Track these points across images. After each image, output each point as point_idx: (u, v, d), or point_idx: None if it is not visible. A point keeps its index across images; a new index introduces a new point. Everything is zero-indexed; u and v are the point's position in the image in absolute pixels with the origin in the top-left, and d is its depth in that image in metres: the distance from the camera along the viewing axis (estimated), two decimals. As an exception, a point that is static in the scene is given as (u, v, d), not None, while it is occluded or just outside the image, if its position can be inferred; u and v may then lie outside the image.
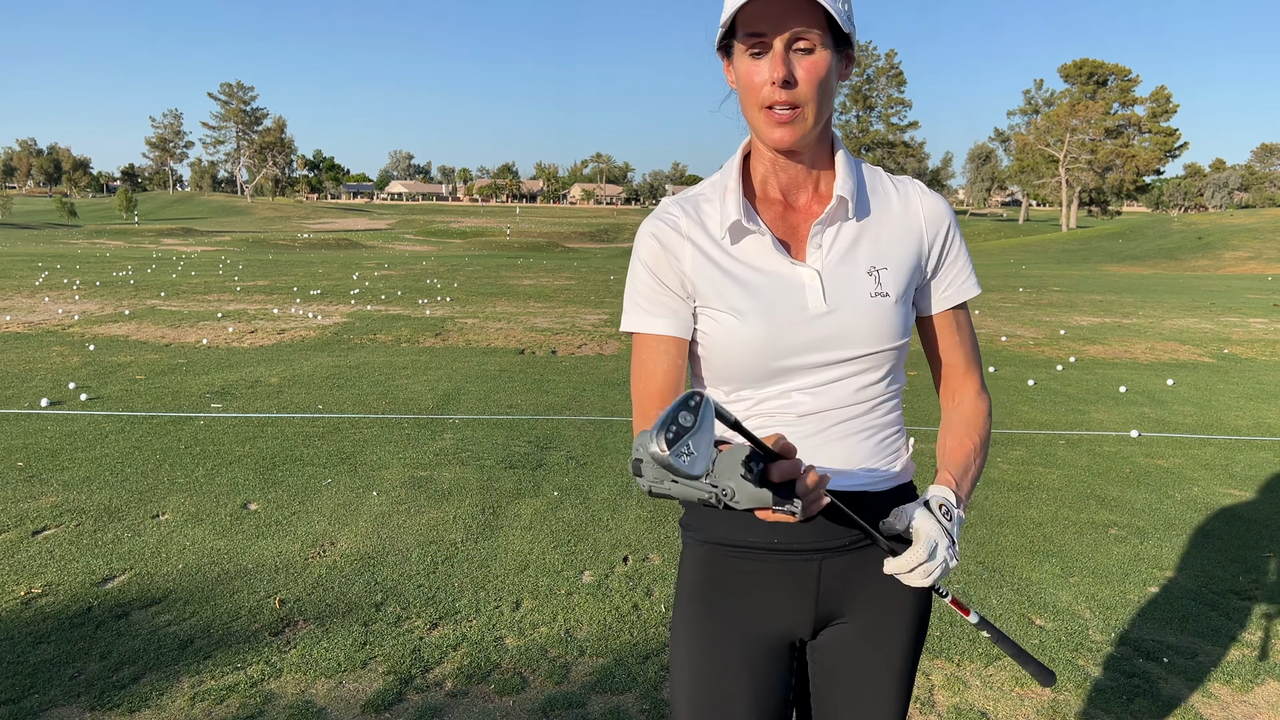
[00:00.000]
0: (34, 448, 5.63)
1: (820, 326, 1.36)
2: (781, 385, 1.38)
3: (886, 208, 1.43)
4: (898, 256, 1.41)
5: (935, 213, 1.44)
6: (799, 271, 1.37)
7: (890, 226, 1.42)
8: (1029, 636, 3.39)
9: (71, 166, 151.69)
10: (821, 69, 1.28)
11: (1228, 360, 10.71)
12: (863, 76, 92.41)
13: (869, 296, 1.37)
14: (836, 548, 1.41)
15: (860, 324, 1.36)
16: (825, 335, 1.36)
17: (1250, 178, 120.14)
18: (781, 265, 1.37)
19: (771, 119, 1.30)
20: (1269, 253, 42.56)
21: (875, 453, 1.43)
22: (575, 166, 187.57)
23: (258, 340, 10.66)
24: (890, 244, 1.41)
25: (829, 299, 1.36)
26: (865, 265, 1.39)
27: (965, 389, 1.53)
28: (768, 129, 1.32)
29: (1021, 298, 19.01)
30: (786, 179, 1.41)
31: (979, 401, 1.52)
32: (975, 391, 1.53)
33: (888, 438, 1.46)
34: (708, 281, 1.39)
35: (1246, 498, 5.21)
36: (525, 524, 4.47)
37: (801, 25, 1.26)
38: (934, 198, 1.46)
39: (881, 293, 1.38)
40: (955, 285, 1.48)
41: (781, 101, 1.29)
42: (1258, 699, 3.00)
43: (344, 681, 2.97)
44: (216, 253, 36.13)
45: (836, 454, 1.40)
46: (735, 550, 1.42)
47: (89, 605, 3.46)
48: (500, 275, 23.00)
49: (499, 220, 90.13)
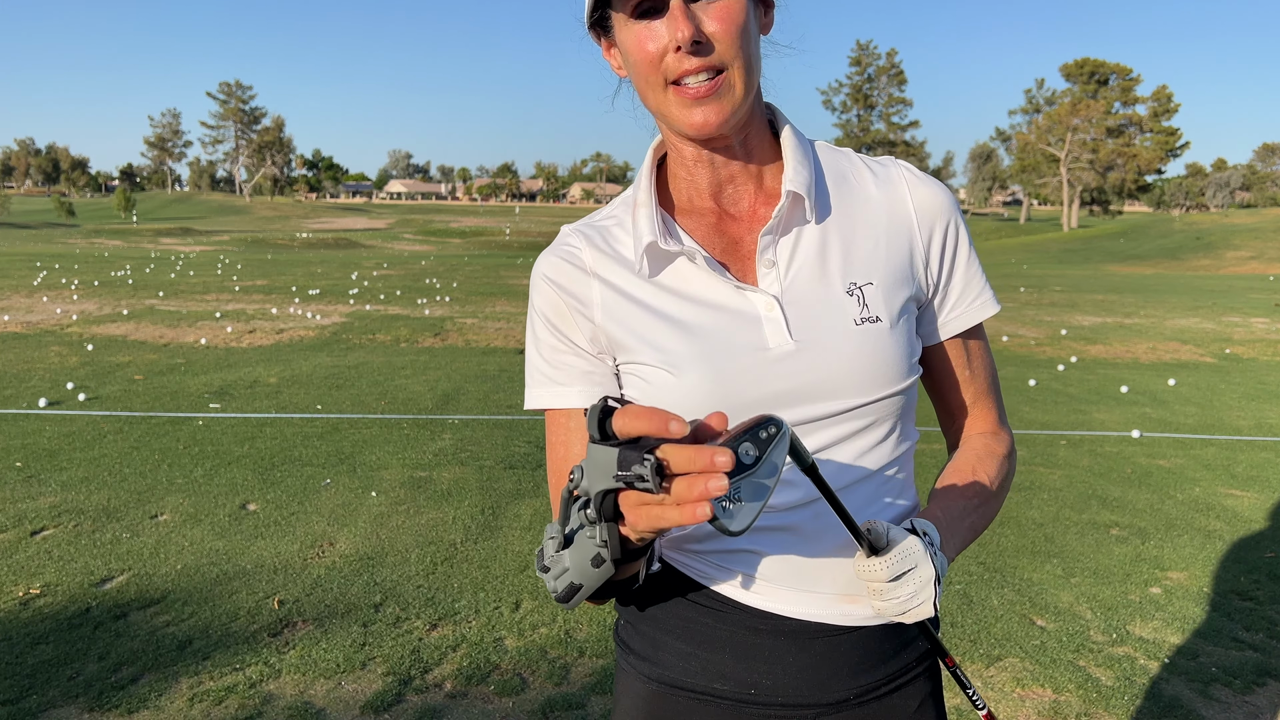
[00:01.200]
0: (32, 448, 5.62)
1: (788, 372, 0.98)
2: None
3: (861, 201, 1.05)
4: (884, 265, 1.03)
5: (932, 204, 1.06)
6: (750, 299, 1.00)
7: (869, 225, 1.04)
8: (1030, 637, 3.39)
9: (70, 166, 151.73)
10: (739, 15, 0.93)
11: (1229, 360, 10.70)
12: (863, 76, 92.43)
13: (853, 325, 0.99)
14: (838, 702, 1.03)
15: (844, 364, 0.98)
16: (796, 384, 0.98)
17: (1252, 177, 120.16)
18: (723, 293, 1.00)
19: (684, 96, 0.94)
20: (1270, 252, 42.56)
21: None
22: (575, 166, 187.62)
23: (256, 340, 10.65)
24: (872, 249, 1.03)
25: (796, 333, 0.99)
26: (841, 282, 1.01)
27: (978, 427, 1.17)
28: (682, 111, 0.95)
29: (1023, 297, 19.01)
30: (715, 177, 1.04)
31: (994, 443, 1.14)
32: (991, 429, 1.16)
33: (897, 517, 1.08)
34: (626, 329, 1.02)
35: (1248, 498, 5.20)
36: (525, 524, 4.46)
37: None
38: (929, 184, 1.07)
39: (869, 318, 1.00)
40: (965, 303, 1.09)
41: (694, 69, 0.93)
42: (1259, 699, 2.99)
43: (343, 682, 2.96)
44: (215, 252, 36.14)
45: (845, 570, 1.01)
46: (694, 697, 1.04)
47: (87, 606, 3.45)
48: (500, 275, 22.99)
49: (498, 220, 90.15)
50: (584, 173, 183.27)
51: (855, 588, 1.02)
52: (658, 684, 1.06)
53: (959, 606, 3.64)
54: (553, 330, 1.06)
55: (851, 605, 1.02)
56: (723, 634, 1.03)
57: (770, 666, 1.02)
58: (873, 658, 1.04)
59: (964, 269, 1.08)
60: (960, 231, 1.08)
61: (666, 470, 0.69)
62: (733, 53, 0.93)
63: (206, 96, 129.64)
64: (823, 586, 1.01)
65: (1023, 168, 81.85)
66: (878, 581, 0.91)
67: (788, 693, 1.02)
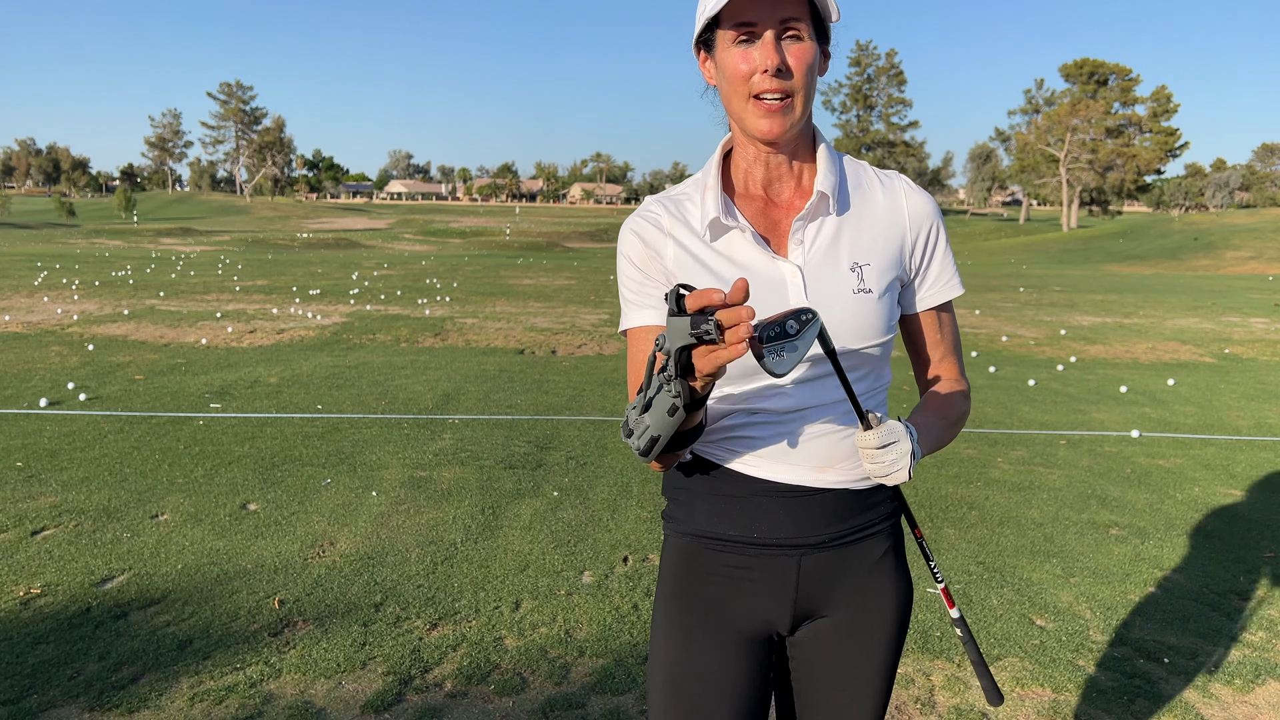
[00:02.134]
0: (33, 448, 5.62)
1: None
2: (763, 382, 1.35)
3: (870, 203, 1.41)
4: (881, 252, 1.39)
5: (921, 210, 1.42)
6: (780, 267, 1.35)
7: (873, 222, 1.40)
8: (1030, 637, 3.39)
9: (70, 166, 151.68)
10: (810, 57, 1.28)
11: (1229, 360, 10.70)
12: (863, 76, 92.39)
13: (851, 293, 1.35)
14: (817, 544, 1.40)
15: (842, 321, 1.33)
16: None
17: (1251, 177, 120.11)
18: (762, 261, 1.36)
19: (761, 108, 1.29)
20: (1270, 252, 42.55)
21: (856, 451, 1.38)
22: (575, 166, 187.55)
23: (257, 340, 10.66)
24: (873, 240, 1.39)
25: (810, 295, 1.34)
26: (848, 261, 1.36)
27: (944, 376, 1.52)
28: (756, 119, 1.30)
29: (1022, 297, 19.01)
30: (768, 173, 1.40)
31: (956, 385, 1.51)
32: (954, 377, 1.52)
33: None
34: (690, 277, 1.37)
35: (1247, 498, 5.20)
36: (525, 524, 4.47)
37: (791, 14, 1.27)
38: (920, 195, 1.43)
39: (864, 289, 1.35)
40: (939, 285, 1.46)
41: (773, 89, 1.27)
42: (1258, 699, 3.00)
43: (343, 682, 2.96)
44: (215, 252, 36.14)
45: (819, 451, 1.38)
46: (714, 543, 1.42)
47: (88, 605, 3.45)
48: (500, 275, 22.99)
49: (498, 220, 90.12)
50: (584, 173, 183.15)
51: (827, 462, 1.39)
52: (689, 536, 1.45)
53: (958, 606, 3.64)
54: (638, 269, 1.41)
55: (823, 474, 1.39)
56: (733, 496, 1.41)
57: (766, 517, 1.40)
58: (841, 513, 1.40)
59: (940, 260, 1.45)
60: (940, 232, 1.44)
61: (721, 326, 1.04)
62: (801, 84, 1.29)
63: (207, 97, 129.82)
64: (802, 461, 1.38)
65: (1022, 168, 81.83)
66: (869, 448, 1.27)
67: (779, 536, 1.40)
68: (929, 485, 5.27)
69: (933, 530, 4.52)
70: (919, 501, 4.97)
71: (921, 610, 3.59)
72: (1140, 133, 78.46)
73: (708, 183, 1.39)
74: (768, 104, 1.28)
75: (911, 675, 3.10)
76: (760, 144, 1.36)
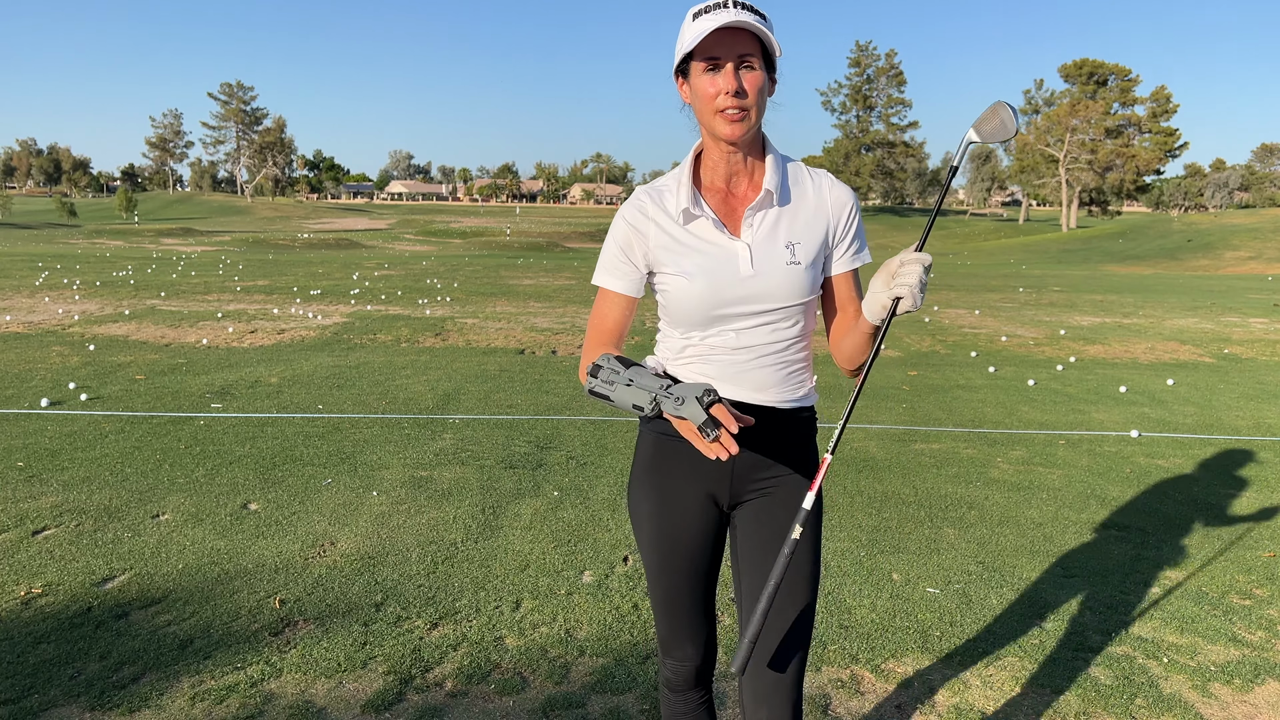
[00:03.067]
0: (34, 448, 5.63)
1: (748, 285, 1.80)
2: (719, 328, 1.83)
3: (804, 197, 1.85)
4: (809, 234, 1.83)
5: (840, 201, 1.86)
6: (734, 245, 1.80)
7: (805, 211, 1.84)
8: (1029, 636, 3.39)
9: (71, 166, 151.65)
10: (760, 82, 1.71)
11: (1228, 360, 10.71)
12: (862, 76, 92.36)
13: (785, 265, 1.80)
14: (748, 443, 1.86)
15: (777, 285, 1.80)
16: (751, 292, 1.80)
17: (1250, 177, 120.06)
18: (721, 240, 1.81)
19: (725, 119, 1.72)
20: (1269, 252, 42.55)
21: (784, 381, 1.87)
22: (575, 166, 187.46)
23: (258, 340, 10.66)
24: (804, 225, 1.83)
25: (755, 266, 1.79)
26: (784, 241, 1.81)
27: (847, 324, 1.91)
28: (722, 126, 1.72)
29: (1021, 298, 19.01)
30: (729, 169, 1.83)
31: None
32: None
33: (795, 371, 1.89)
34: (666, 252, 1.83)
35: (1247, 498, 5.20)
36: (525, 524, 4.47)
37: (746, 50, 1.69)
38: (841, 189, 1.87)
39: (795, 261, 1.81)
40: (853, 253, 1.89)
41: (734, 105, 1.70)
42: (1258, 699, 3.00)
43: (344, 681, 2.97)
44: (216, 253, 36.14)
45: (755, 380, 1.85)
46: (677, 440, 1.90)
47: (89, 605, 3.45)
48: (500, 275, 22.99)
49: (499, 220, 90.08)
50: (584, 173, 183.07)
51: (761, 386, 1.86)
52: (660, 435, 1.93)
53: (958, 606, 3.65)
54: (621, 249, 1.87)
55: (759, 394, 1.86)
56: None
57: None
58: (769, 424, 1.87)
59: (852, 236, 1.88)
60: (855, 215, 1.88)
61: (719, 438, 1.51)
62: (754, 101, 1.72)
63: (208, 97, 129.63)
64: (744, 384, 1.86)
65: (1021, 168, 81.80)
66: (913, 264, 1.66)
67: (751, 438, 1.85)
68: (929, 485, 5.28)
69: (932, 530, 4.53)
70: (918, 501, 4.97)
71: (921, 610, 3.60)
72: (1139, 133, 78.43)
73: (682, 179, 1.83)
74: (730, 115, 1.71)
75: (911, 674, 3.10)
76: (724, 145, 1.78)
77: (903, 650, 3.27)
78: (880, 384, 8.62)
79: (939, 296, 18.78)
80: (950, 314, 15.15)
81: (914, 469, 5.62)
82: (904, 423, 6.90)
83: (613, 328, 1.90)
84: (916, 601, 3.68)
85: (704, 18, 1.69)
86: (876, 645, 3.30)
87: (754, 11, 1.70)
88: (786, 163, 1.87)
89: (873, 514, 4.74)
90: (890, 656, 3.22)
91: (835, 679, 3.06)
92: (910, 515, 4.75)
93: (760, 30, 1.67)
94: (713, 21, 1.65)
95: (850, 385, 8.54)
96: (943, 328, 13.17)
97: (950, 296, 18.90)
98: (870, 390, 8.24)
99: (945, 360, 10.20)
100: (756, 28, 1.66)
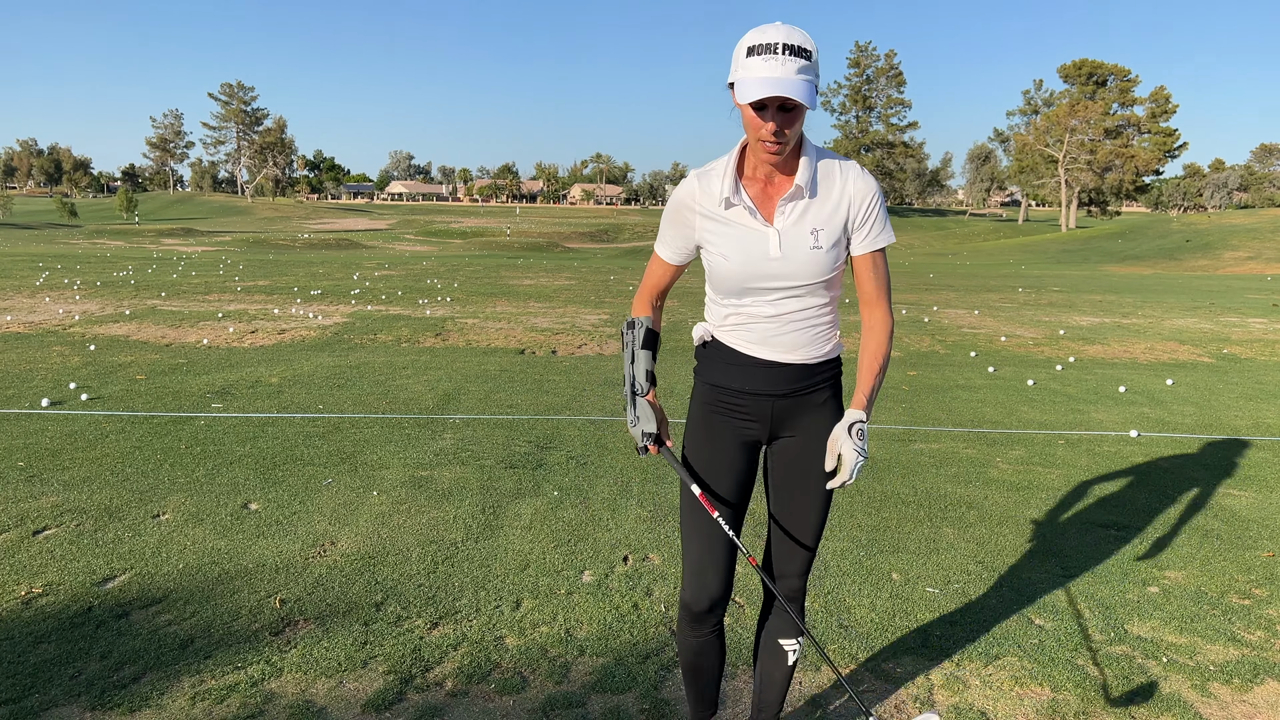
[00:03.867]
0: (34, 447, 5.63)
1: (776, 266, 2.13)
2: (752, 299, 2.19)
3: (830, 189, 2.13)
4: (832, 222, 2.13)
5: (859, 192, 2.14)
6: (767, 231, 2.13)
7: (830, 201, 2.13)
8: (1028, 636, 3.40)
9: (72, 167, 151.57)
10: (798, 123, 2.01)
11: (1227, 360, 10.71)
12: (862, 77, 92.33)
13: (809, 249, 2.12)
14: (783, 395, 2.26)
15: (802, 265, 2.13)
16: (779, 272, 2.14)
17: (1249, 178, 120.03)
18: (755, 225, 2.14)
19: (765, 148, 2.03)
20: (1268, 253, 42.57)
21: (811, 341, 2.23)
22: (575, 167, 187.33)
23: (258, 340, 10.67)
24: (829, 214, 2.13)
25: (783, 250, 2.13)
26: (810, 228, 2.12)
27: (875, 310, 2.24)
28: (762, 153, 2.06)
29: (1021, 298, 19.02)
30: (769, 171, 2.15)
31: (885, 321, 2.24)
32: (883, 313, 2.24)
33: (821, 331, 2.23)
34: (709, 233, 2.20)
35: (1245, 497, 5.21)
36: (525, 524, 4.48)
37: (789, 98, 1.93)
38: (861, 182, 2.14)
39: (818, 246, 2.12)
40: (871, 237, 2.17)
41: (773, 141, 2.00)
42: (1257, 699, 3.01)
43: (344, 681, 2.97)
44: (217, 253, 36.13)
45: (787, 342, 2.21)
46: (724, 390, 2.30)
47: (89, 605, 3.46)
48: (500, 275, 23.00)
49: (499, 220, 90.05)
50: (584, 174, 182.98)
51: (791, 347, 2.22)
52: (708, 385, 2.33)
53: (957, 605, 3.65)
54: (670, 223, 2.27)
55: (788, 354, 2.22)
56: (734, 364, 2.28)
57: (754, 378, 2.26)
58: (799, 378, 2.25)
59: (876, 222, 2.16)
60: (874, 204, 2.14)
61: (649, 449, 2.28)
62: (790, 137, 2.02)
63: (208, 97, 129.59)
64: (776, 345, 2.22)
65: (1021, 169, 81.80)
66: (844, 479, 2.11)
67: (761, 389, 2.26)
68: (928, 485, 5.28)
69: (931, 530, 4.53)
70: (918, 501, 4.98)
71: (921, 610, 3.60)
72: (1139, 133, 78.43)
73: (728, 169, 2.14)
74: (769, 147, 2.02)
75: (910, 674, 3.11)
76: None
77: (903, 650, 3.27)
78: (880, 384, 8.63)
79: (939, 297, 18.79)
80: (950, 314, 15.15)
81: (913, 469, 5.63)
82: (903, 423, 6.91)
83: (656, 284, 2.38)
84: (916, 601, 3.69)
85: (755, 63, 1.92)
86: (876, 645, 3.31)
87: (801, 54, 1.92)
88: (820, 157, 2.13)
89: (872, 514, 4.75)
90: (890, 656, 3.23)
91: (835, 679, 3.07)
92: (910, 515, 4.75)
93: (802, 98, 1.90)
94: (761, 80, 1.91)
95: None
96: (942, 328, 13.17)
97: (950, 297, 18.91)
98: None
99: (945, 360, 10.20)
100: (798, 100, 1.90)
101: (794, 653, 2.49)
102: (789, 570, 2.39)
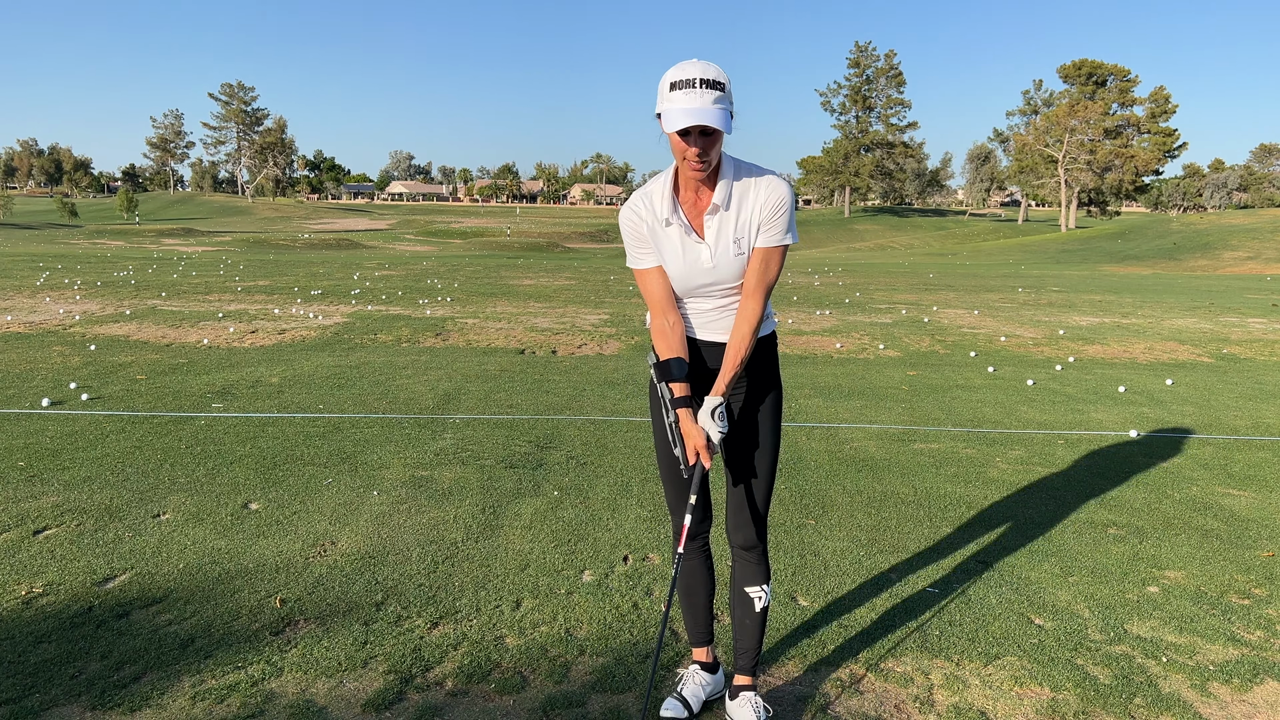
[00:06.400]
0: (35, 447, 5.64)
1: (709, 274, 2.55)
2: (694, 298, 2.63)
3: (745, 199, 2.49)
4: (749, 229, 2.50)
5: (768, 199, 2.48)
6: (699, 247, 2.53)
7: (746, 211, 2.49)
8: (1028, 636, 3.40)
9: (72, 167, 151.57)
10: (717, 145, 2.37)
11: (1226, 360, 10.72)
12: (862, 77, 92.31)
13: (734, 256, 2.52)
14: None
15: (730, 272, 2.54)
16: (714, 279, 2.56)
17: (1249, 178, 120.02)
18: (689, 240, 2.54)
19: (689, 167, 2.41)
20: (1268, 253, 42.57)
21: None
22: (575, 167, 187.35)
23: (258, 340, 10.67)
24: (745, 222, 2.50)
25: (715, 261, 2.53)
26: (732, 238, 2.51)
27: (749, 300, 2.54)
28: (688, 172, 2.43)
29: (1020, 298, 19.02)
30: (695, 189, 2.52)
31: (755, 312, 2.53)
32: (755, 304, 2.54)
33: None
34: (656, 243, 2.58)
35: (1245, 497, 5.21)
36: (525, 524, 4.48)
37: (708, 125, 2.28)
38: (766, 191, 2.48)
39: (741, 253, 2.52)
40: (767, 235, 2.51)
41: (697, 161, 2.37)
42: (1256, 698, 3.01)
43: (344, 681, 2.98)
44: (217, 253, 36.14)
45: (725, 325, 2.62)
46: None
47: (90, 605, 3.46)
48: (500, 275, 23.00)
49: (499, 220, 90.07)
50: (584, 174, 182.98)
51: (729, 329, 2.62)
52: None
53: (957, 605, 3.66)
54: (635, 239, 2.60)
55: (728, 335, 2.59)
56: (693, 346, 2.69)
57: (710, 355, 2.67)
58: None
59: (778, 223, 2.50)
60: (782, 209, 2.49)
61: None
62: (711, 158, 2.40)
63: (209, 97, 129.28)
64: (718, 330, 2.64)
65: (1021, 169, 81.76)
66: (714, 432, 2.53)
67: (714, 365, 2.65)
68: (928, 485, 5.29)
69: (931, 530, 4.53)
70: (917, 501, 4.98)
71: (921, 610, 3.60)
72: (1138, 133, 78.38)
73: (665, 190, 2.53)
74: (694, 165, 2.39)
75: (910, 674, 3.11)
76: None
77: (903, 650, 3.28)
78: (879, 384, 8.63)
79: (939, 297, 18.79)
80: (949, 314, 15.15)
81: (913, 469, 5.63)
82: (903, 423, 6.91)
83: (662, 295, 2.60)
84: (916, 601, 3.69)
85: (678, 95, 2.28)
86: (876, 645, 3.31)
87: (716, 87, 2.27)
88: (741, 174, 2.48)
89: (872, 514, 4.75)
90: (890, 656, 3.23)
91: (835, 679, 3.07)
92: (909, 515, 4.76)
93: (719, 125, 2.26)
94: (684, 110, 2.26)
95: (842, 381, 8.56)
96: (942, 328, 13.18)
97: (949, 297, 18.91)
98: (869, 390, 8.25)
99: (944, 360, 10.21)
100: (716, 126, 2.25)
101: (759, 599, 2.77)
102: (741, 520, 2.74)
